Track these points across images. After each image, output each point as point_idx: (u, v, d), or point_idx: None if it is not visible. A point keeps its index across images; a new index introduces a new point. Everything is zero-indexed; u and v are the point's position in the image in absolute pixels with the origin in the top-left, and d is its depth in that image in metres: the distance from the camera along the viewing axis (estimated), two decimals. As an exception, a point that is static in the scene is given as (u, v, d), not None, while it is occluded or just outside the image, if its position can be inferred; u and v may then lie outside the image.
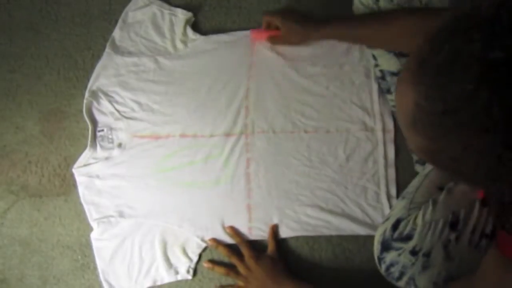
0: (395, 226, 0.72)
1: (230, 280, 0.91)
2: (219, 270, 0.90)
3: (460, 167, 0.39)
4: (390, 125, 0.93)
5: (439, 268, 0.67)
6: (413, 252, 0.69)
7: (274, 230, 0.91)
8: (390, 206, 0.89)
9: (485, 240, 0.66)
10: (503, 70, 0.33)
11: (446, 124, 0.37)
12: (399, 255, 0.70)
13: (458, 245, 0.67)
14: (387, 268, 0.72)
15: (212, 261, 0.91)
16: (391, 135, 0.92)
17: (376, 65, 0.90)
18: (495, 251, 0.53)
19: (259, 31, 0.96)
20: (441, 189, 0.72)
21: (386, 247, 0.72)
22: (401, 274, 0.70)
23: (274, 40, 0.96)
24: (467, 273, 0.67)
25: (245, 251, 0.89)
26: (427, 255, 0.68)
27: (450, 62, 0.36)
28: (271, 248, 0.89)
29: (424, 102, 0.38)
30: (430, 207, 0.69)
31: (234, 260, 0.89)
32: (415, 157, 0.89)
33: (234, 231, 0.91)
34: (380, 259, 0.73)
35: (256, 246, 0.91)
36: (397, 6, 0.78)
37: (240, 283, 0.88)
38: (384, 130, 0.93)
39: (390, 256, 0.71)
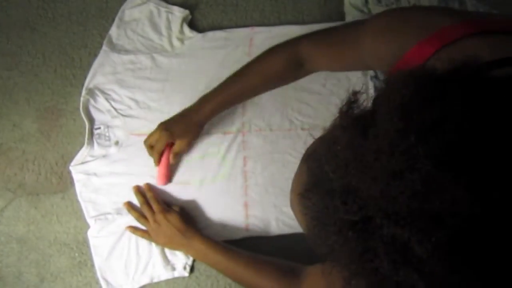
0: None
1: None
2: (134, 213, 0.91)
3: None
4: (386, 122, 0.93)
5: None
6: None
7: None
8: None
9: None
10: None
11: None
12: None
13: None
14: None
15: (129, 204, 0.94)
16: (387, 132, 0.93)
17: (372, 63, 0.90)
18: None
19: (161, 173, 0.92)
20: None
21: None
22: None
23: (174, 154, 0.91)
24: None
25: (155, 205, 0.90)
26: None
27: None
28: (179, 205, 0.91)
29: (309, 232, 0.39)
30: None
31: (145, 212, 0.90)
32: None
33: (137, 189, 0.93)
34: None
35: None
36: (385, 7, 0.79)
37: (149, 230, 0.90)
38: (380, 127, 0.93)
39: None
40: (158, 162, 0.92)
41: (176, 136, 0.89)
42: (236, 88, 0.84)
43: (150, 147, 0.91)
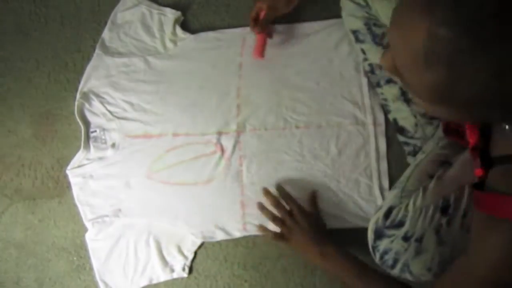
0: (387, 215, 0.73)
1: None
2: (267, 214, 0.87)
3: (475, 95, 0.36)
4: (380, 118, 0.93)
5: (432, 253, 0.68)
6: (406, 238, 0.69)
7: (314, 194, 0.88)
8: (383, 199, 0.90)
9: None
10: None
11: (469, 45, 0.34)
12: (392, 242, 0.71)
13: (450, 229, 0.67)
14: (381, 257, 0.72)
15: (261, 205, 0.88)
16: (382, 128, 0.93)
17: (365, 59, 0.90)
18: (477, 213, 0.53)
19: (257, 45, 0.93)
20: (431, 177, 0.73)
21: (379, 235, 0.72)
22: (395, 262, 0.71)
23: (262, 23, 0.91)
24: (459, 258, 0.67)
25: (293, 206, 0.85)
26: (419, 240, 0.69)
27: None
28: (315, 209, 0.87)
29: (440, 28, 0.35)
30: (421, 194, 0.70)
31: (282, 212, 0.85)
32: (407, 150, 0.89)
33: (266, 190, 0.89)
34: (374, 248, 0.74)
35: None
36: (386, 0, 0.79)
37: (284, 232, 0.84)
38: (375, 124, 0.93)
39: (383, 244, 0.72)
40: (257, 34, 0.92)
41: (280, 11, 0.90)
42: None
43: (254, 20, 0.90)
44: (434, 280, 0.70)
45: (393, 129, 0.91)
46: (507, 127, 0.47)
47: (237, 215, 0.93)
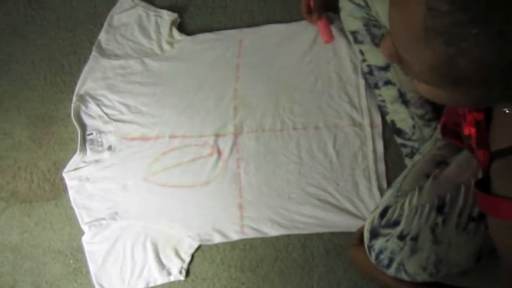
0: (383, 214, 0.72)
1: (224, 278, 0.91)
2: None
3: (475, 70, 0.36)
4: (378, 120, 0.93)
5: (427, 252, 0.67)
6: (401, 237, 0.69)
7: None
8: (381, 200, 0.89)
9: (473, 223, 0.66)
10: None
11: (467, 18, 0.33)
12: (387, 240, 0.70)
13: (446, 228, 0.67)
14: (377, 256, 0.72)
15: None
16: (379, 129, 0.93)
17: (364, 60, 0.90)
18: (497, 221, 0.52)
19: (323, 30, 0.94)
20: (427, 176, 0.73)
21: (374, 234, 0.72)
22: (390, 261, 0.70)
23: (316, 6, 0.92)
24: (456, 257, 0.67)
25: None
26: (415, 239, 0.68)
27: None
28: None
29: (438, 2, 0.35)
30: (417, 193, 0.70)
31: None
32: (404, 151, 0.89)
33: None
34: (369, 248, 0.73)
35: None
36: None
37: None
38: (372, 125, 0.93)
39: (378, 243, 0.71)
40: (305, 13, 0.94)
41: None
42: None
43: (307, 7, 0.92)
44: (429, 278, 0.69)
45: (390, 130, 0.91)
46: (507, 111, 0.46)
47: (235, 218, 0.92)
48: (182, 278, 0.91)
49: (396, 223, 0.70)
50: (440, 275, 0.69)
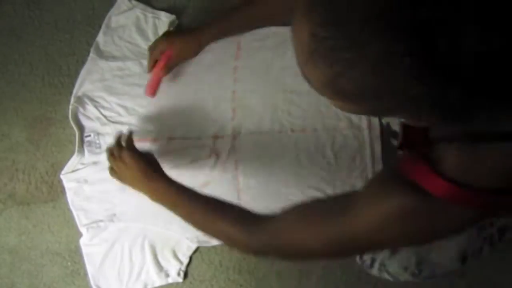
0: None
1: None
2: (107, 151, 0.86)
3: (358, 90, 0.39)
4: (375, 122, 0.93)
5: (408, 252, 0.68)
6: None
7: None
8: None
9: None
10: None
11: (343, 44, 0.37)
12: None
13: None
14: (361, 257, 0.73)
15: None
16: (376, 132, 0.93)
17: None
18: (389, 171, 0.53)
19: (150, 82, 0.92)
20: None
21: None
22: (373, 261, 0.71)
23: (168, 66, 0.92)
24: (439, 258, 0.67)
25: (121, 150, 0.84)
26: None
27: None
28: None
29: (318, 29, 0.38)
30: None
31: (114, 151, 0.85)
32: (400, 153, 0.89)
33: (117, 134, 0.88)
34: None
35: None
36: None
37: (115, 170, 0.86)
38: (370, 128, 0.93)
39: None
40: (150, 68, 0.93)
41: (175, 47, 0.90)
42: (239, 15, 0.90)
43: (150, 51, 0.92)
44: (412, 279, 0.70)
45: (386, 132, 0.91)
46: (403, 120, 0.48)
47: (232, 220, 0.92)
48: (180, 280, 0.91)
49: None
50: (423, 276, 0.69)
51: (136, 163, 0.82)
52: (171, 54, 0.91)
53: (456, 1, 0.33)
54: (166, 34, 0.93)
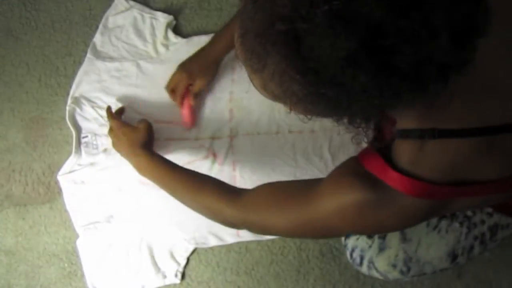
0: None
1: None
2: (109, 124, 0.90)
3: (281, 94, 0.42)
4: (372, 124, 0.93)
5: (396, 250, 0.69)
6: (370, 235, 0.70)
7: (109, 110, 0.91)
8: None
9: (445, 221, 0.67)
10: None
11: (255, 59, 0.41)
12: (357, 239, 0.72)
13: (415, 226, 0.67)
14: (351, 255, 0.73)
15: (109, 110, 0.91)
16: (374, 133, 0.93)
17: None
18: (354, 162, 0.56)
19: (188, 116, 0.94)
20: None
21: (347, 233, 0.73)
22: (361, 259, 0.72)
23: (196, 94, 0.93)
24: (427, 256, 0.68)
25: (113, 122, 0.89)
26: (383, 237, 0.69)
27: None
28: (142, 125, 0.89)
29: (239, 40, 0.42)
30: None
31: (110, 123, 0.89)
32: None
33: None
34: (345, 247, 0.75)
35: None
36: None
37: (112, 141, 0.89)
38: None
39: (351, 242, 0.73)
40: (181, 104, 0.93)
41: (196, 76, 0.91)
42: None
43: (172, 91, 0.92)
44: (402, 277, 0.71)
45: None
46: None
47: (230, 221, 0.92)
48: (177, 281, 0.91)
49: None
50: (412, 274, 0.69)
51: (123, 134, 0.86)
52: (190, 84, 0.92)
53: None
54: (181, 67, 0.92)
